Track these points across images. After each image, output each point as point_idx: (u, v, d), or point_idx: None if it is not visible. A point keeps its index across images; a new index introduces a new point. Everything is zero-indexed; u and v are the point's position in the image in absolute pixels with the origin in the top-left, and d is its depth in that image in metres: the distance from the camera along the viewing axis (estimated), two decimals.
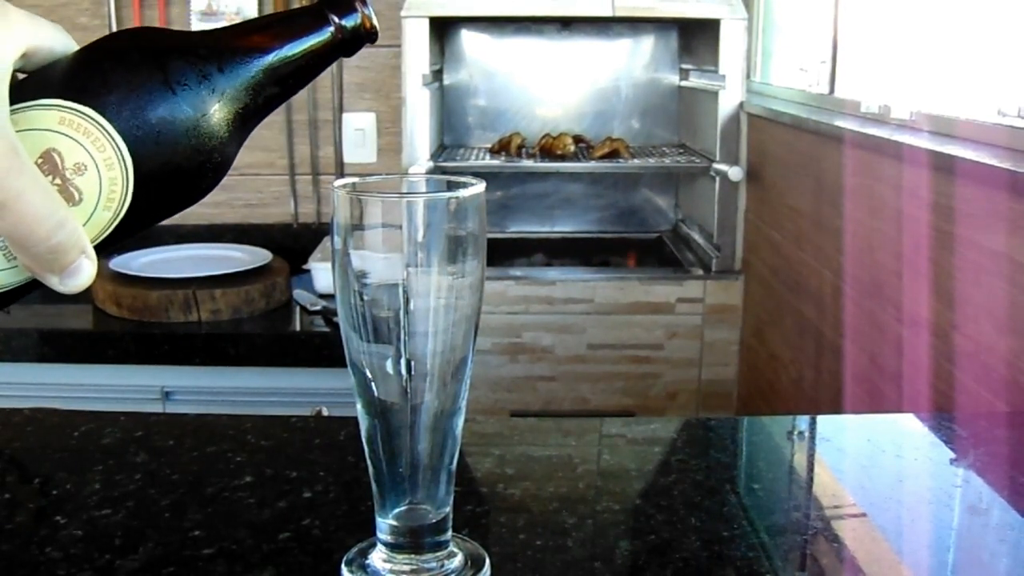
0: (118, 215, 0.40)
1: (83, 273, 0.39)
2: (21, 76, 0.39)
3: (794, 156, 1.65)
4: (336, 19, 0.44)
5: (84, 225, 0.39)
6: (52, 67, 0.40)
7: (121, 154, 0.39)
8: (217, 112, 0.41)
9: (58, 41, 0.40)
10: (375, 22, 0.44)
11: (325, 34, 0.43)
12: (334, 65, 1.27)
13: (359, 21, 0.44)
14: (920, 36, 1.29)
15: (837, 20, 1.57)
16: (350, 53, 0.45)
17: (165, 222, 0.43)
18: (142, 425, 0.74)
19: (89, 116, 0.38)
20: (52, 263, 0.38)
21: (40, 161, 0.38)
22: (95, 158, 0.39)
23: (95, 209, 0.39)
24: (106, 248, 0.41)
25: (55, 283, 0.38)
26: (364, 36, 0.44)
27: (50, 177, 0.38)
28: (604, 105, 2.32)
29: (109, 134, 0.39)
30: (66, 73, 0.40)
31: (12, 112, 0.37)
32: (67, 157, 0.38)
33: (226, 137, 0.42)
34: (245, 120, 0.42)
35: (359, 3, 0.44)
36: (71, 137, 0.38)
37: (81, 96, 0.39)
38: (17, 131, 0.37)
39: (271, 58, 0.42)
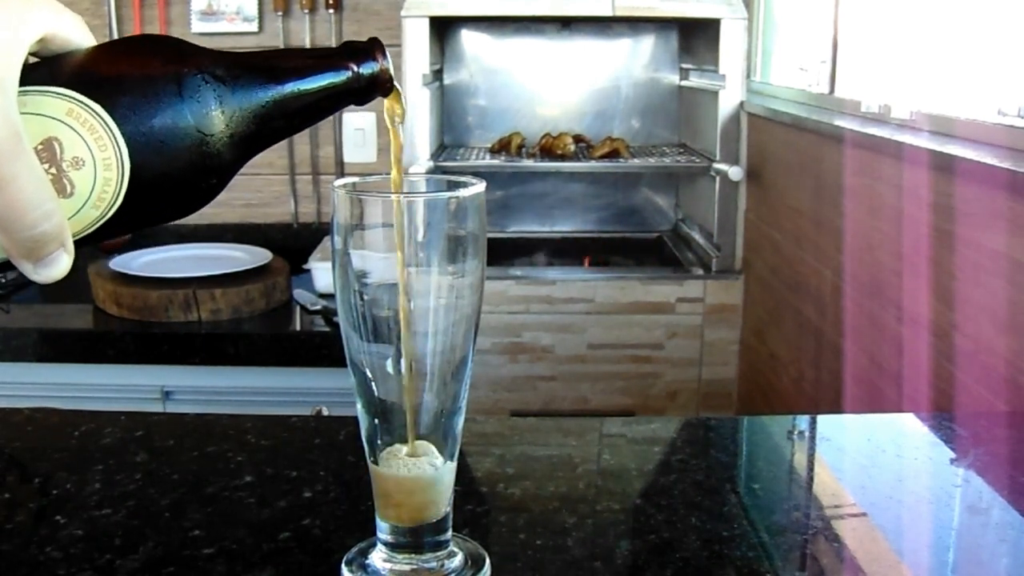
0: (104, 215, 0.40)
1: (58, 265, 0.39)
2: (34, 60, 0.39)
3: (794, 156, 1.65)
4: (355, 66, 0.44)
5: (69, 219, 0.39)
6: (69, 56, 0.40)
7: (121, 157, 0.39)
8: (222, 134, 0.41)
9: (77, 32, 0.41)
10: (392, 75, 0.45)
11: (342, 76, 0.44)
12: None
13: (376, 71, 0.45)
14: (920, 36, 1.29)
15: (837, 20, 1.56)
16: (362, 101, 0.46)
17: None
18: (142, 425, 0.74)
19: (97, 113, 0.38)
20: (31, 251, 0.38)
21: (40, 147, 0.38)
22: (95, 156, 0.39)
23: (83, 205, 0.39)
24: (86, 244, 0.41)
25: (29, 270, 0.38)
26: (379, 87, 0.45)
27: (46, 165, 0.38)
28: (604, 105, 2.32)
29: (113, 135, 0.39)
30: (83, 66, 0.40)
31: (21, 93, 0.37)
32: (67, 149, 0.38)
33: (225, 160, 0.42)
34: (246, 147, 0.43)
35: (379, 55, 0.45)
36: (75, 130, 0.38)
37: (94, 92, 0.39)
38: (22, 112, 0.36)
39: (285, 89, 0.43)
